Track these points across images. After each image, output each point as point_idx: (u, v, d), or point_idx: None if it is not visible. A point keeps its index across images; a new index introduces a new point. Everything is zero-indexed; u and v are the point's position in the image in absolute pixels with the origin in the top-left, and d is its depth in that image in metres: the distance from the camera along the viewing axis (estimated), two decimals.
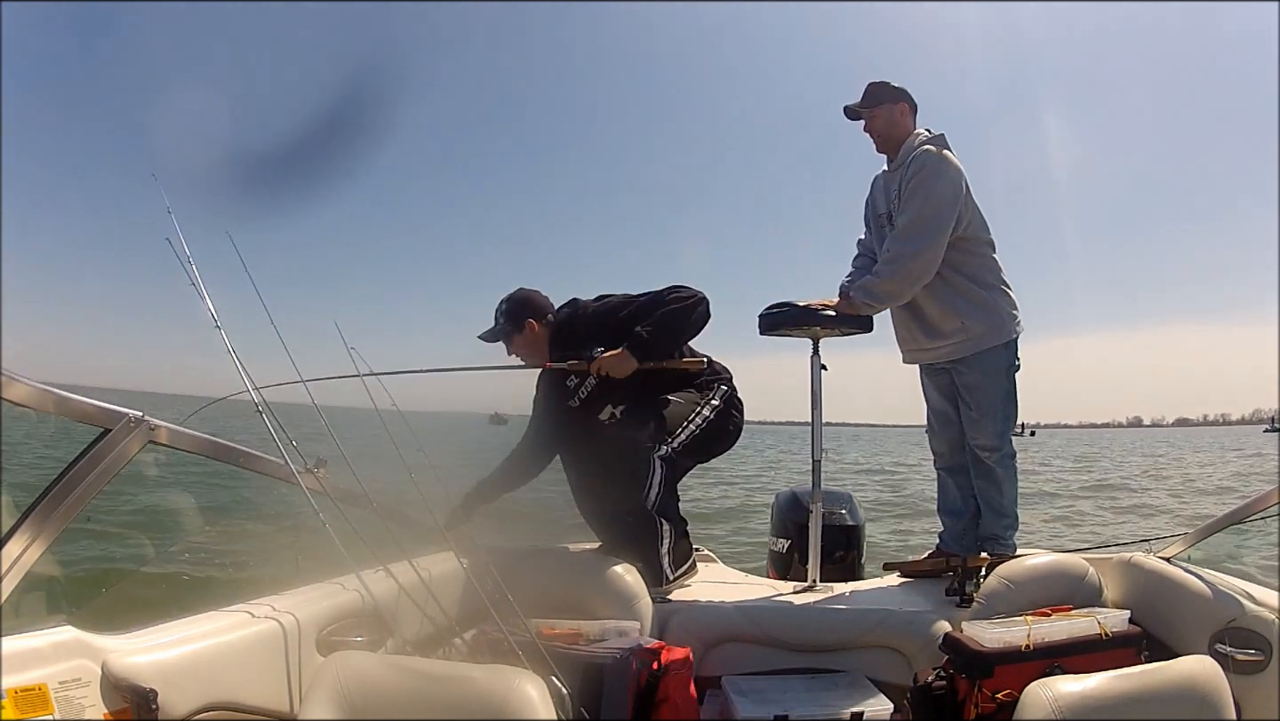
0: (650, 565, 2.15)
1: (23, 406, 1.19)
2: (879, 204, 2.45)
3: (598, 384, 2.29)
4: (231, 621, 1.47)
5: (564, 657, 1.59)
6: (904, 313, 2.41)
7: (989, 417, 2.33)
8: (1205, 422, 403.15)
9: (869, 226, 2.54)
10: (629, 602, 1.89)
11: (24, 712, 1.09)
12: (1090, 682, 1.32)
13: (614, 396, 2.29)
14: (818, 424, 2.41)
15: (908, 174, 2.28)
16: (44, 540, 1.23)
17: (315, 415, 1.82)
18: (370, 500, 1.84)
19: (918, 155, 2.27)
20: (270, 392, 1.71)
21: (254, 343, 1.85)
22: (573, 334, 2.34)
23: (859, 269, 2.54)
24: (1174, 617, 1.83)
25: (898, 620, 1.97)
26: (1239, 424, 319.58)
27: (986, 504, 2.39)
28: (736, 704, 1.67)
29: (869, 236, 2.55)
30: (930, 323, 2.36)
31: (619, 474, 2.19)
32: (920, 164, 2.25)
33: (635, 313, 2.26)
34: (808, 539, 2.37)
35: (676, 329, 2.27)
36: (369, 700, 1.21)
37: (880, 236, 2.42)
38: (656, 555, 2.19)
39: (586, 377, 2.30)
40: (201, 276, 1.67)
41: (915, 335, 2.41)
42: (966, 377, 2.35)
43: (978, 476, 2.39)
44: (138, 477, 1.64)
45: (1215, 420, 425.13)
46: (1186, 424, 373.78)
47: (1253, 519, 1.91)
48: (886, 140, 2.37)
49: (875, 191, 2.49)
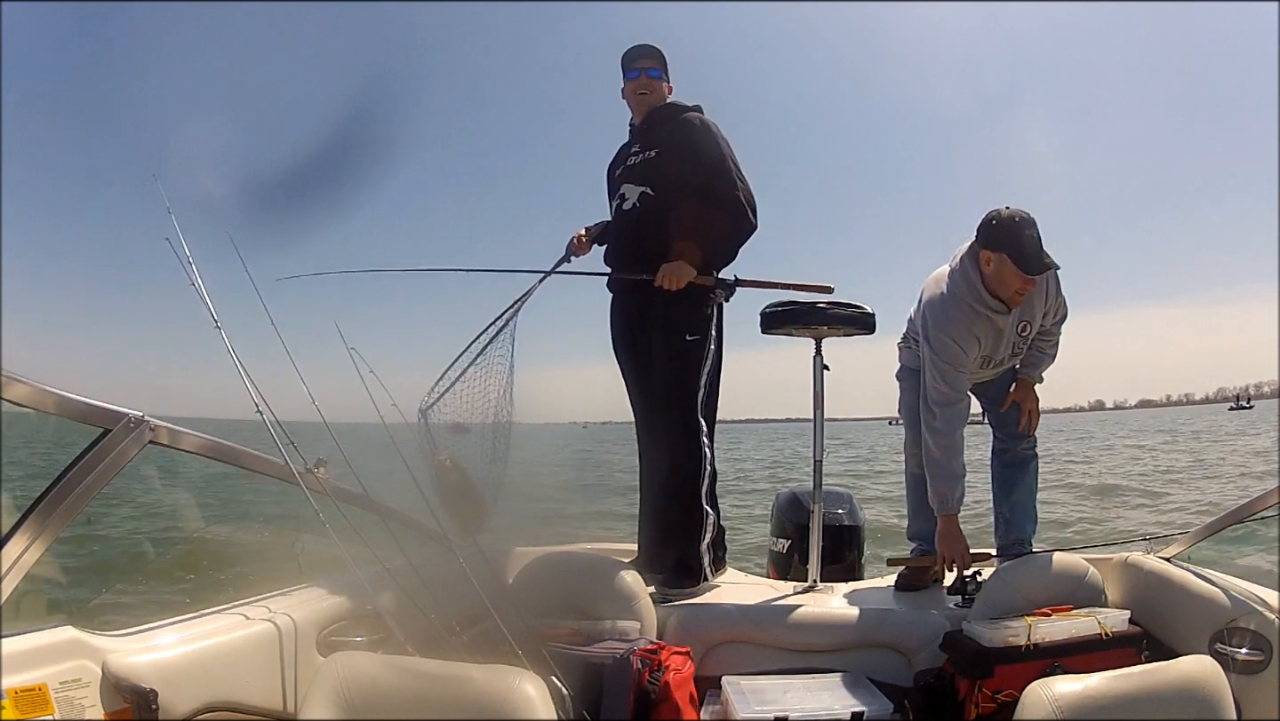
0: (688, 560, 2.16)
1: (23, 406, 1.19)
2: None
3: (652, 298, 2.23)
4: (231, 621, 1.48)
5: (564, 657, 1.59)
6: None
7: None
8: (1169, 403, 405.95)
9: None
10: (629, 603, 1.89)
11: (24, 712, 1.09)
12: (1090, 682, 1.32)
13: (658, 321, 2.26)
14: (819, 423, 2.41)
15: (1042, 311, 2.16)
16: (44, 540, 1.23)
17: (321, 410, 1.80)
18: (370, 500, 1.84)
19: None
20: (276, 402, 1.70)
21: (254, 342, 1.84)
22: (671, 135, 2.31)
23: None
24: (1174, 617, 1.82)
25: (898, 620, 1.97)
26: (1203, 403, 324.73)
27: (1019, 506, 2.35)
28: (736, 704, 1.67)
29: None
30: None
31: (674, 460, 2.21)
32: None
33: (707, 191, 2.23)
34: (808, 539, 2.37)
35: (731, 252, 2.31)
36: (369, 700, 1.21)
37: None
38: (695, 550, 2.19)
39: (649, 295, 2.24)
40: (201, 277, 1.66)
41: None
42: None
43: (1020, 475, 2.34)
44: (138, 478, 1.64)
45: (1179, 400, 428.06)
46: (1150, 405, 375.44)
47: (1253, 519, 1.91)
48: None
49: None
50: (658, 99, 2.39)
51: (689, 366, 2.23)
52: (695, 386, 2.24)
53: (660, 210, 2.27)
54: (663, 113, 2.38)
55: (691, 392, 2.23)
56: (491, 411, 2.12)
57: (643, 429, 2.38)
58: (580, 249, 2.46)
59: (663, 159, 2.31)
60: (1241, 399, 66.19)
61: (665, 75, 2.41)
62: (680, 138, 2.30)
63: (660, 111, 2.38)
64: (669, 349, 2.23)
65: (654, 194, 2.30)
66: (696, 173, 2.25)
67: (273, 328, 1.72)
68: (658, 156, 2.32)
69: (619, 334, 2.42)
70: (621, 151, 2.47)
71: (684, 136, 2.30)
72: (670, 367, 2.24)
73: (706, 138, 2.29)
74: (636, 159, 2.37)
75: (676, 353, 2.23)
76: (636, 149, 2.38)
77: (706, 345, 2.27)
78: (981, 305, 2.07)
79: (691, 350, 2.23)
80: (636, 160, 2.37)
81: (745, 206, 2.26)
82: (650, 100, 2.39)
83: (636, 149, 2.38)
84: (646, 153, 2.35)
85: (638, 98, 2.39)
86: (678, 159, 2.28)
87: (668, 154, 2.31)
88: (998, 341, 2.16)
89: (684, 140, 2.29)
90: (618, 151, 2.49)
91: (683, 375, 2.23)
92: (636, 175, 2.34)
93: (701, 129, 2.30)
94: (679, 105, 2.40)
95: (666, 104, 2.40)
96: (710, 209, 2.24)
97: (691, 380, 2.24)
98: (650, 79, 2.37)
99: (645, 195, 2.31)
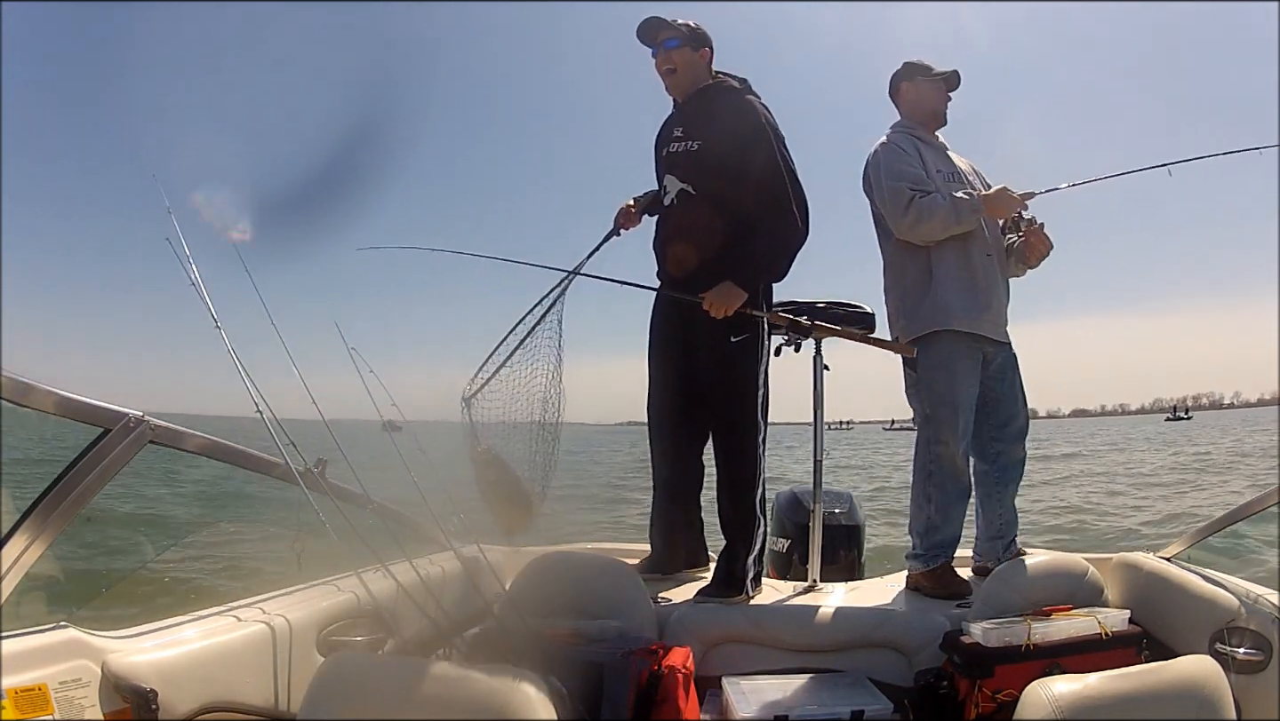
0: (735, 571, 2.10)
1: (23, 406, 1.19)
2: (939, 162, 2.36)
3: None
4: (231, 621, 1.48)
5: (564, 658, 1.58)
6: (1002, 282, 2.35)
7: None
8: (1103, 413, 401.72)
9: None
10: (629, 603, 1.89)
11: (24, 712, 1.09)
12: (1090, 682, 1.32)
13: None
14: (819, 424, 2.41)
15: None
16: (44, 540, 1.23)
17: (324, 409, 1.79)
18: (370, 500, 1.84)
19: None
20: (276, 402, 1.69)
21: (254, 343, 1.84)
22: (716, 112, 2.14)
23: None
24: (1174, 617, 1.82)
25: (898, 620, 1.97)
26: (1138, 413, 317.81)
27: (1012, 508, 2.36)
28: (736, 704, 1.66)
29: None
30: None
31: (738, 468, 2.13)
32: None
33: (752, 197, 2.07)
34: (808, 539, 2.37)
35: (782, 269, 2.15)
36: (369, 700, 1.21)
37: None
38: (744, 561, 2.12)
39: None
40: (202, 277, 1.66)
41: (1005, 305, 2.34)
42: (1008, 353, 2.35)
43: (1012, 476, 2.36)
44: (138, 478, 1.64)
45: (1114, 410, 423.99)
46: (1084, 415, 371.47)
47: (1253, 519, 1.91)
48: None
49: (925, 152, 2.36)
50: (690, 73, 2.19)
51: (743, 367, 2.13)
52: (752, 387, 2.14)
53: (700, 213, 2.12)
54: (707, 95, 2.19)
55: (748, 393, 2.13)
56: (539, 403, 2.00)
57: (660, 431, 2.32)
58: (630, 221, 2.32)
59: (704, 153, 2.13)
60: (1180, 410, 66.47)
61: (689, 41, 2.17)
62: (725, 130, 2.11)
63: (704, 94, 2.19)
64: (716, 352, 2.12)
65: (695, 193, 2.14)
66: (741, 173, 2.08)
67: (273, 327, 1.72)
68: (699, 150, 2.14)
69: (659, 327, 2.29)
70: (666, 126, 2.28)
71: (729, 129, 2.10)
72: (722, 372, 2.14)
73: (755, 130, 2.09)
74: (678, 146, 2.18)
75: (727, 356, 2.12)
76: (680, 133, 2.19)
77: (759, 343, 2.14)
78: (912, 134, 2.36)
79: (742, 351, 2.12)
80: (679, 148, 2.18)
81: (796, 216, 2.08)
82: (681, 78, 2.19)
83: (680, 133, 2.19)
84: (688, 142, 2.16)
85: (667, 76, 2.21)
86: (720, 156, 2.10)
87: (710, 149, 2.13)
88: (949, 163, 2.36)
89: (728, 135, 2.10)
90: (664, 123, 2.30)
91: (737, 376, 2.13)
92: (678, 167, 2.17)
93: (749, 118, 2.10)
94: (723, 86, 2.19)
95: (709, 84, 2.20)
96: (756, 221, 2.08)
97: (746, 381, 2.13)
98: (670, 51, 2.16)
99: (685, 194, 2.15)
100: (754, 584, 2.14)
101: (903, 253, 2.29)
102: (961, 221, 2.20)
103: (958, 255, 2.25)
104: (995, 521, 2.37)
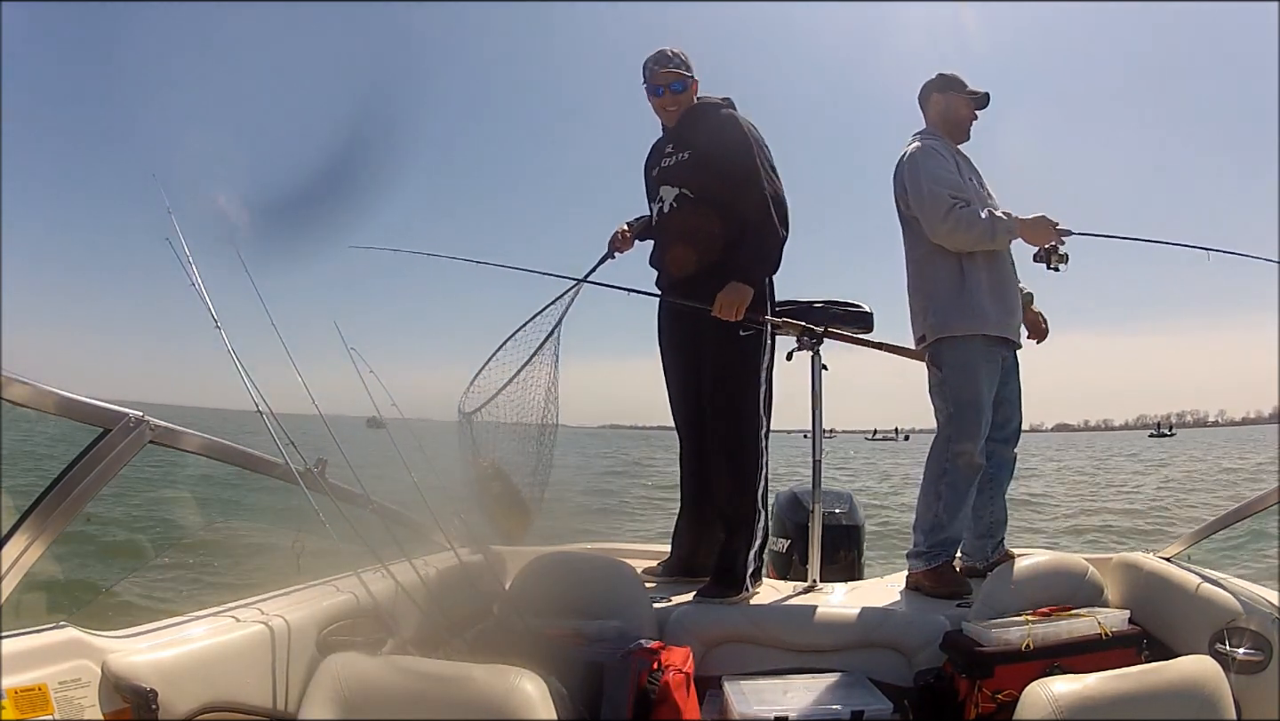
0: (733, 568, 2.12)
1: (23, 406, 1.19)
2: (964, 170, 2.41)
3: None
4: (231, 621, 1.47)
5: (564, 658, 1.58)
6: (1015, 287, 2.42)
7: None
8: (1086, 428, 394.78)
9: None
10: (629, 603, 1.89)
11: (24, 712, 1.09)
12: (1090, 682, 1.32)
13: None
14: (818, 423, 2.41)
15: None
16: (44, 540, 1.23)
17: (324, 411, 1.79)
18: (370, 500, 1.84)
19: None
20: (274, 398, 1.69)
21: (254, 343, 1.84)
22: (704, 128, 2.25)
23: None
24: (1174, 617, 1.82)
25: (898, 620, 1.97)
26: (1122, 429, 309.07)
27: (1002, 506, 2.40)
28: (736, 704, 1.66)
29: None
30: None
31: (736, 462, 2.17)
32: None
33: (737, 198, 2.17)
34: (808, 539, 2.37)
35: (767, 262, 2.22)
36: (369, 700, 1.21)
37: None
38: (744, 557, 2.14)
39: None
40: (202, 277, 1.66)
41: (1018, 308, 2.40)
42: (1014, 356, 2.40)
43: (1004, 476, 2.40)
44: (138, 477, 1.64)
45: (1097, 425, 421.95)
46: (1067, 429, 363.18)
47: (1252, 519, 1.91)
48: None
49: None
50: (686, 104, 2.32)
51: (746, 363, 2.19)
52: (755, 380, 2.19)
53: (700, 214, 2.22)
54: (694, 113, 2.31)
55: (751, 386, 2.19)
56: (538, 413, 2.04)
57: (688, 434, 2.34)
58: (624, 244, 2.42)
59: (695, 160, 2.25)
60: (1163, 426, 66.62)
61: (690, 79, 2.31)
62: (713, 139, 2.23)
63: (692, 112, 2.32)
64: (722, 347, 2.18)
65: (692, 195, 2.25)
66: (730, 176, 2.19)
67: (273, 328, 1.72)
68: (691, 159, 2.26)
69: (667, 332, 2.37)
70: (656, 149, 2.40)
71: (716, 138, 2.23)
72: (727, 366, 2.19)
73: (738, 139, 2.21)
74: (670, 160, 2.31)
75: (732, 350, 2.18)
76: (670, 149, 2.32)
77: (763, 340, 2.21)
78: (942, 142, 2.41)
79: (747, 346, 2.18)
80: (671, 161, 2.31)
81: (771, 215, 2.18)
82: (679, 111, 2.32)
83: (670, 149, 2.32)
84: (680, 154, 2.29)
85: (666, 113, 2.33)
86: (710, 161, 2.22)
87: (700, 156, 2.25)
88: (977, 175, 2.43)
89: (716, 143, 2.22)
90: (652, 148, 2.42)
91: (741, 369, 2.19)
92: (673, 177, 2.29)
93: (733, 128, 2.23)
94: (709, 103, 2.32)
95: (696, 104, 2.33)
96: (745, 221, 2.18)
97: (750, 374, 2.19)
98: (675, 95, 2.29)
99: (683, 196, 2.26)
100: (754, 580, 2.16)
101: (934, 254, 2.32)
102: (996, 240, 2.27)
103: (988, 259, 2.31)
104: (985, 520, 2.40)
